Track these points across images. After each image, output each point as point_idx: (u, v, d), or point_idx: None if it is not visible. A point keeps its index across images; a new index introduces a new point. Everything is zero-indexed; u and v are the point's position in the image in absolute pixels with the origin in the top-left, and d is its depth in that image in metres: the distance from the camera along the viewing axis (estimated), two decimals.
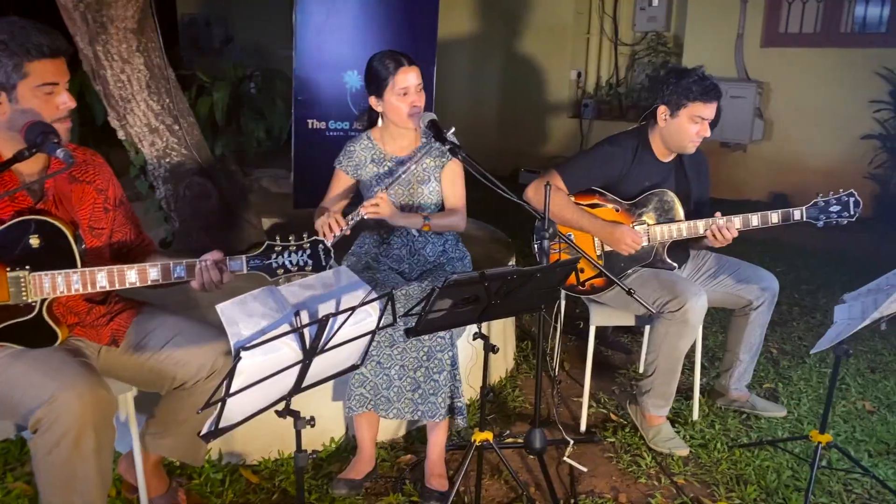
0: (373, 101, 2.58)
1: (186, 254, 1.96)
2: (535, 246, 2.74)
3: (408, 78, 2.48)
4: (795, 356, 3.59)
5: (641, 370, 3.40)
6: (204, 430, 1.51)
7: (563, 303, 3.01)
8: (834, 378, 2.40)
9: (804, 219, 2.62)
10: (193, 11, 9.76)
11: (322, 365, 1.70)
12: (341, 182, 2.68)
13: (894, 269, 2.42)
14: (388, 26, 4.14)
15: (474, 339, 2.16)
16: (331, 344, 1.63)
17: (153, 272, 1.88)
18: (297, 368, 1.61)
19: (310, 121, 4.16)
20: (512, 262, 3.37)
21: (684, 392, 3.09)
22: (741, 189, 6.54)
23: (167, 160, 3.31)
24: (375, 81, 2.52)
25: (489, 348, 2.15)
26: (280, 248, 1.88)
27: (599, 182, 2.72)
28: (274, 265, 1.87)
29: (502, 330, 3.24)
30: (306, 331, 1.55)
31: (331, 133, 4.16)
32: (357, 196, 2.71)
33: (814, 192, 2.66)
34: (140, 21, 3.09)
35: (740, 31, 6.51)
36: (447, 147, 2.34)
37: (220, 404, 1.45)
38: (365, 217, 2.44)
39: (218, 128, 5.85)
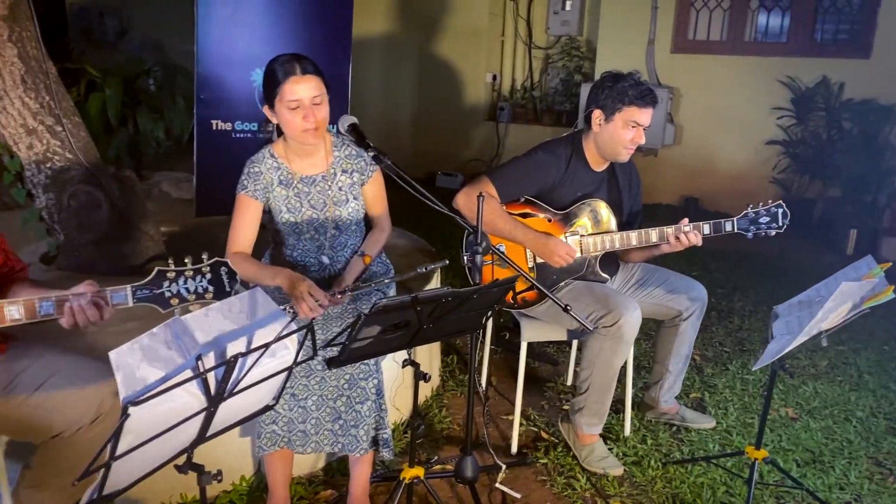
0: (266, 111, 2.27)
1: (72, 271, 1.67)
2: (466, 259, 2.57)
3: (297, 90, 2.16)
4: (718, 363, 3.59)
5: (570, 383, 3.31)
6: (84, 500, 1.25)
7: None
8: (769, 393, 2.35)
9: (735, 230, 2.57)
10: (84, 1, 9.08)
11: (230, 409, 1.46)
12: (251, 211, 2.30)
13: (824, 280, 2.41)
14: (301, 22, 3.88)
15: (404, 366, 1.96)
16: (240, 386, 1.40)
17: (13, 311, 1.55)
18: (200, 417, 1.37)
19: (214, 121, 3.83)
20: (437, 272, 3.19)
21: (614, 405, 3.00)
22: (653, 193, 6.63)
23: (48, 165, 2.93)
24: (267, 89, 2.23)
25: (420, 377, 1.96)
26: (173, 273, 1.60)
27: (533, 191, 2.58)
28: (167, 294, 1.59)
29: (426, 346, 3.06)
30: (211, 374, 1.32)
31: (237, 135, 3.85)
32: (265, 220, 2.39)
33: (722, 196, 2.62)
34: (12, 7, 2.71)
35: (651, 37, 6.61)
36: (371, 154, 2.13)
37: (103, 470, 1.19)
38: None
39: (111, 128, 5.38)
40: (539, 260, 2.60)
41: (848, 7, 6.14)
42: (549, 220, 2.59)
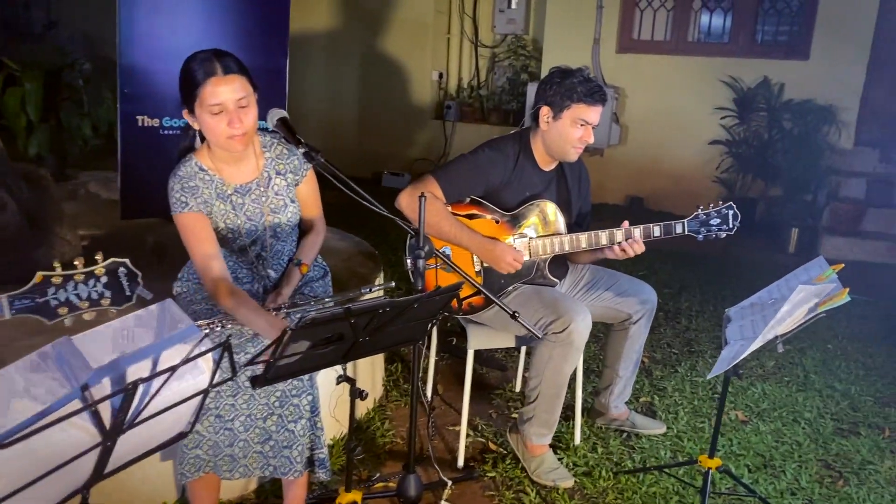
0: (186, 115, 2.04)
1: None
2: (409, 264, 2.43)
3: (219, 92, 1.94)
4: (667, 365, 3.53)
5: (519, 389, 3.20)
6: None
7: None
8: (722, 401, 2.27)
9: (685, 232, 2.49)
10: None
11: (135, 440, 1.28)
12: (202, 225, 2.07)
13: (775, 283, 2.35)
14: (234, 11, 3.66)
15: (338, 382, 1.80)
16: (144, 416, 1.22)
17: None
18: (95, 452, 1.19)
19: (140, 117, 3.58)
20: (379, 278, 3.04)
21: (563, 411, 2.90)
22: (599, 193, 6.61)
23: None
24: (185, 91, 2.00)
25: (356, 394, 1.80)
26: (60, 278, 1.38)
27: (479, 190, 2.46)
28: (53, 303, 1.37)
29: None
30: (106, 403, 1.14)
31: (165, 132, 3.60)
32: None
33: (667, 196, 2.55)
34: None
35: (596, 36, 6.58)
36: (301, 151, 1.96)
37: None
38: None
39: (32, 124, 5.03)
40: (486, 264, 2.48)
41: (787, 9, 6.23)
42: (497, 222, 2.47)
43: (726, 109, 6.25)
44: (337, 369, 1.81)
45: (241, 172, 2.14)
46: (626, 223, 2.49)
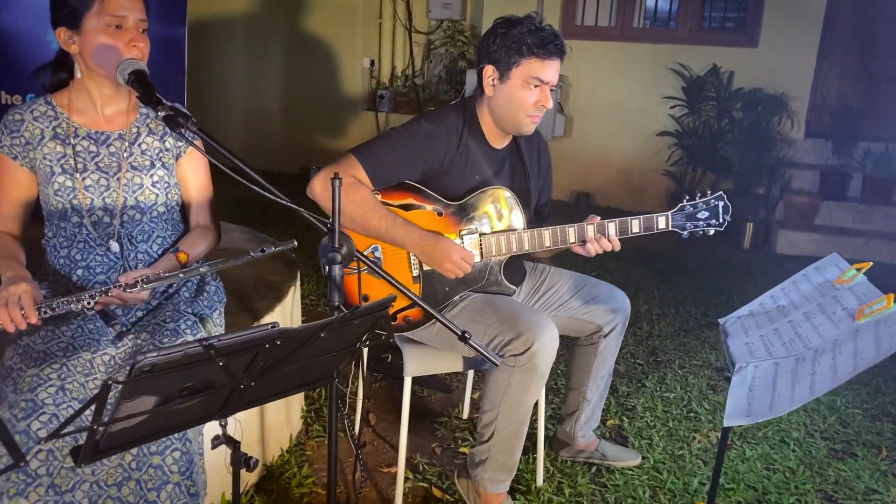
0: (62, 34, 1.62)
1: None
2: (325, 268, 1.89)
3: (123, 3, 1.59)
4: (633, 379, 3.10)
5: (467, 415, 2.69)
6: None
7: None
8: (722, 451, 1.82)
9: (669, 228, 2.04)
10: None
11: None
12: (9, 175, 1.67)
13: (780, 286, 1.92)
14: None
15: (214, 446, 1.25)
16: None
17: None
18: None
19: None
20: (295, 285, 2.48)
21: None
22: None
23: None
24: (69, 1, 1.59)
25: (239, 462, 1.25)
26: None
27: (416, 173, 1.94)
28: None
29: None
30: None
31: None
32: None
33: (615, 191, 2.10)
34: None
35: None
36: (162, 114, 1.40)
37: None
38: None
39: None
40: (427, 266, 1.96)
41: None
42: (440, 214, 1.96)
43: (675, 98, 5.92)
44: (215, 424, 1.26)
45: (103, 119, 1.70)
46: (596, 217, 2.03)
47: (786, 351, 1.58)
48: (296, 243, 1.48)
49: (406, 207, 1.94)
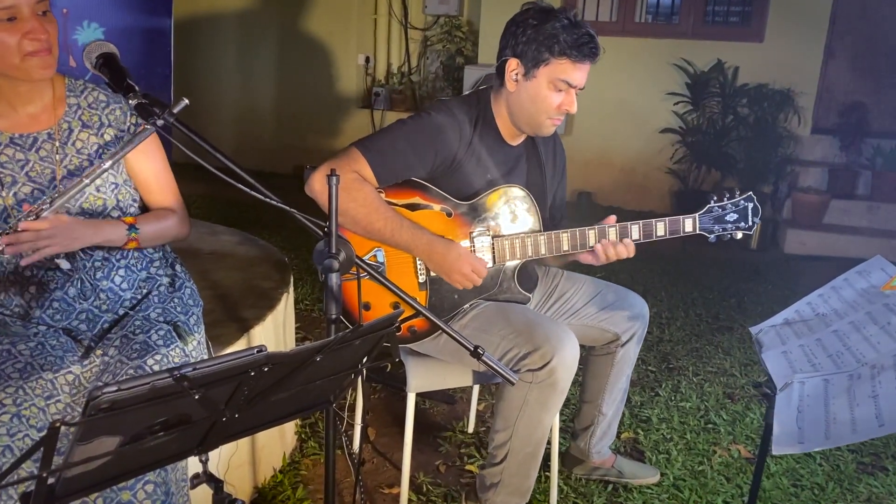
0: None
1: None
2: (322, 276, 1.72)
3: None
4: (646, 388, 2.94)
5: (472, 429, 2.53)
6: None
7: None
8: (757, 480, 1.66)
9: (696, 231, 1.87)
10: None
11: None
12: None
13: (817, 292, 1.76)
14: None
15: (194, 485, 1.08)
16: None
17: None
18: None
19: None
20: (288, 291, 2.31)
21: None
22: None
23: None
24: None
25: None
26: None
27: (425, 169, 1.77)
28: None
29: None
30: None
31: None
32: None
33: (618, 190, 1.94)
34: None
35: None
36: (133, 102, 1.23)
37: None
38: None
39: None
40: (435, 273, 1.80)
41: None
42: (449, 215, 1.79)
43: (678, 95, 5.77)
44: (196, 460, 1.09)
45: (26, 119, 1.49)
46: (612, 218, 1.87)
47: (834, 366, 1.42)
48: (187, 101, 1.27)
49: (412, 207, 1.76)
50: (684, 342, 3.42)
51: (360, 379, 1.95)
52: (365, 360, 1.10)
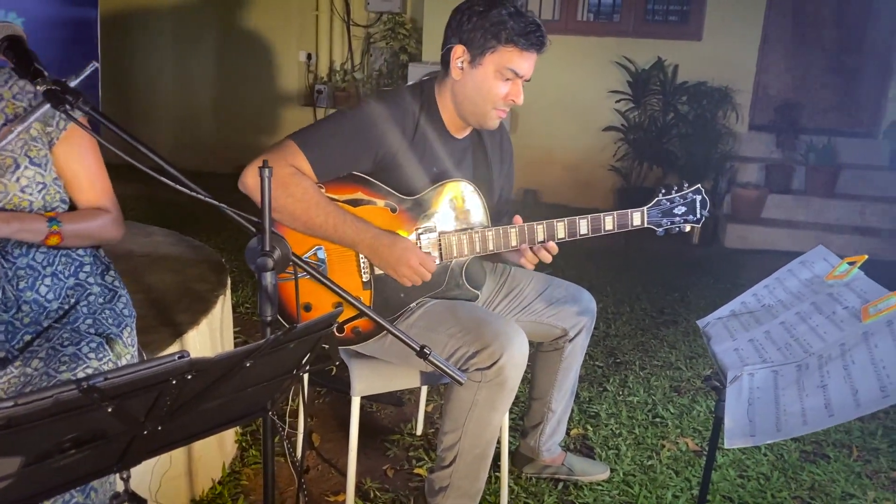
0: None
1: None
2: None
3: None
4: (594, 383, 2.93)
5: (420, 431, 2.47)
6: None
7: None
8: (707, 474, 1.65)
9: (644, 224, 1.86)
10: None
11: None
12: None
13: (762, 283, 1.76)
14: None
15: None
16: None
17: None
18: None
19: None
20: (225, 294, 2.20)
21: None
22: None
23: None
24: None
25: None
26: None
27: (368, 163, 1.69)
28: None
29: None
30: None
31: None
32: None
33: (562, 187, 1.92)
34: None
35: None
36: (42, 88, 1.13)
37: None
38: None
39: None
40: (379, 270, 1.73)
41: None
42: (394, 210, 1.72)
43: (620, 93, 5.83)
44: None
45: None
46: (517, 217, 1.83)
47: (783, 357, 1.41)
48: (97, 65, 1.18)
49: (354, 203, 1.69)
50: (630, 336, 3.44)
51: (301, 383, 1.88)
52: (303, 364, 1.03)
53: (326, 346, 1.74)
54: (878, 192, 5.34)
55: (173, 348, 1.81)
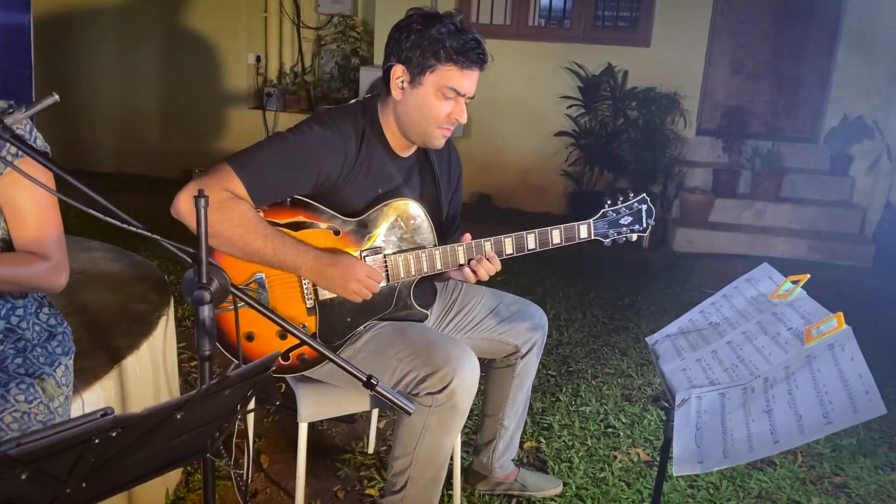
0: None
1: None
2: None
3: None
4: (547, 393, 2.94)
5: (372, 449, 2.43)
6: None
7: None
8: (659, 488, 1.66)
9: (591, 237, 1.86)
10: None
11: None
12: None
13: (709, 300, 1.78)
14: None
15: None
16: None
17: None
18: None
19: None
20: (167, 314, 2.12)
21: None
22: None
23: None
24: None
25: None
26: None
27: (307, 187, 1.65)
28: None
29: None
30: None
31: None
32: None
33: (515, 191, 1.92)
34: None
35: None
36: None
37: None
38: None
39: None
40: (325, 294, 1.68)
41: None
42: (337, 233, 1.68)
43: (571, 98, 5.88)
44: None
45: None
46: (466, 235, 1.80)
47: (729, 378, 1.42)
48: (57, 97, 1.11)
49: (296, 226, 1.64)
50: (583, 344, 3.46)
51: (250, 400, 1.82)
52: (239, 409, 0.98)
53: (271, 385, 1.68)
54: (819, 195, 5.51)
55: (111, 375, 1.74)
